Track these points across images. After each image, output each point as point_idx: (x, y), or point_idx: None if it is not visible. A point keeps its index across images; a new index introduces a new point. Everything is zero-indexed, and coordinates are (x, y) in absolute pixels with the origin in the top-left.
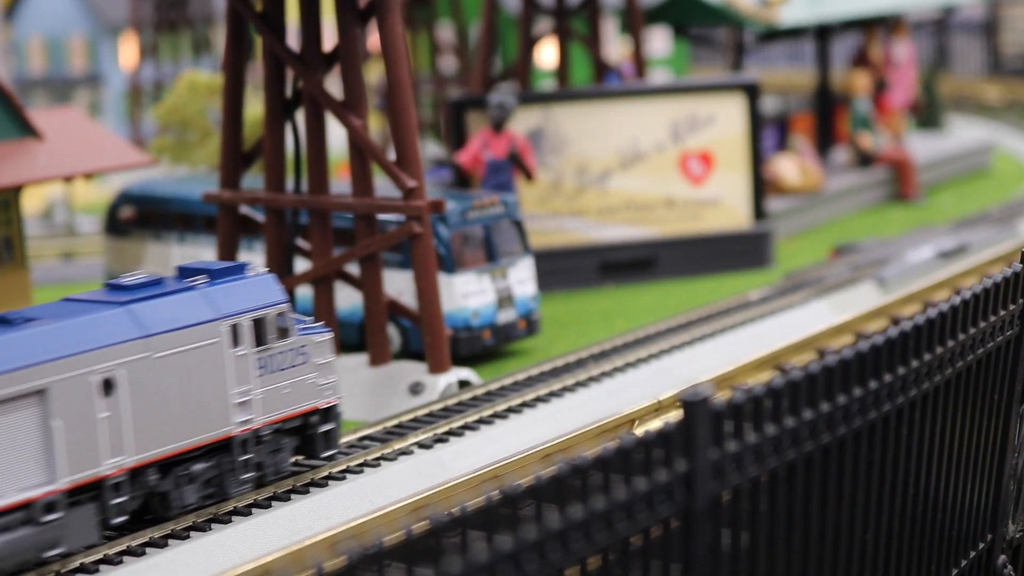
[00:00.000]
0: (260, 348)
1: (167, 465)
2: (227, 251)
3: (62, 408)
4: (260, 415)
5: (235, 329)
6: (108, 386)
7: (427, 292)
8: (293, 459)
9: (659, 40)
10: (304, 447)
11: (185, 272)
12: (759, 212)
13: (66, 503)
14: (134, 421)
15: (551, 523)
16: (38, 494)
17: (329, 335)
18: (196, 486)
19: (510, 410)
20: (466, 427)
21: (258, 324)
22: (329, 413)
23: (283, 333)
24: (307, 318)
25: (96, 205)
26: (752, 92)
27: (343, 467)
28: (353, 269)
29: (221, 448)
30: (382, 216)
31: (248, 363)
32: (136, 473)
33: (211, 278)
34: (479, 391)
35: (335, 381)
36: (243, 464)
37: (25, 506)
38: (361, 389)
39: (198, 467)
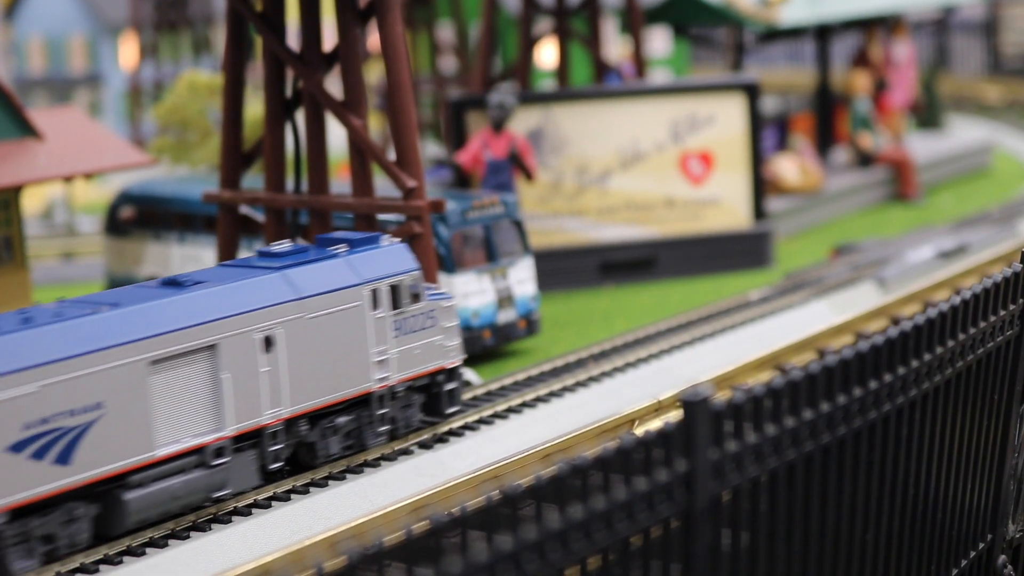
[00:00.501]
0: (396, 311)
1: (315, 417)
2: (227, 251)
3: (230, 362)
4: (395, 373)
5: (375, 293)
6: (268, 343)
7: None
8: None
9: (659, 40)
10: (430, 404)
11: (325, 241)
12: (759, 212)
13: (232, 449)
14: (289, 376)
15: (551, 523)
16: (209, 440)
17: (453, 301)
18: (339, 437)
19: (510, 410)
20: (466, 427)
21: (394, 289)
22: (453, 373)
23: (415, 298)
24: (434, 285)
25: (96, 205)
26: (752, 92)
27: (343, 467)
28: None
29: (361, 403)
30: (382, 216)
31: (386, 325)
32: (290, 424)
33: (351, 247)
34: (479, 391)
35: (459, 343)
36: (380, 418)
37: (198, 451)
38: None
39: (341, 420)
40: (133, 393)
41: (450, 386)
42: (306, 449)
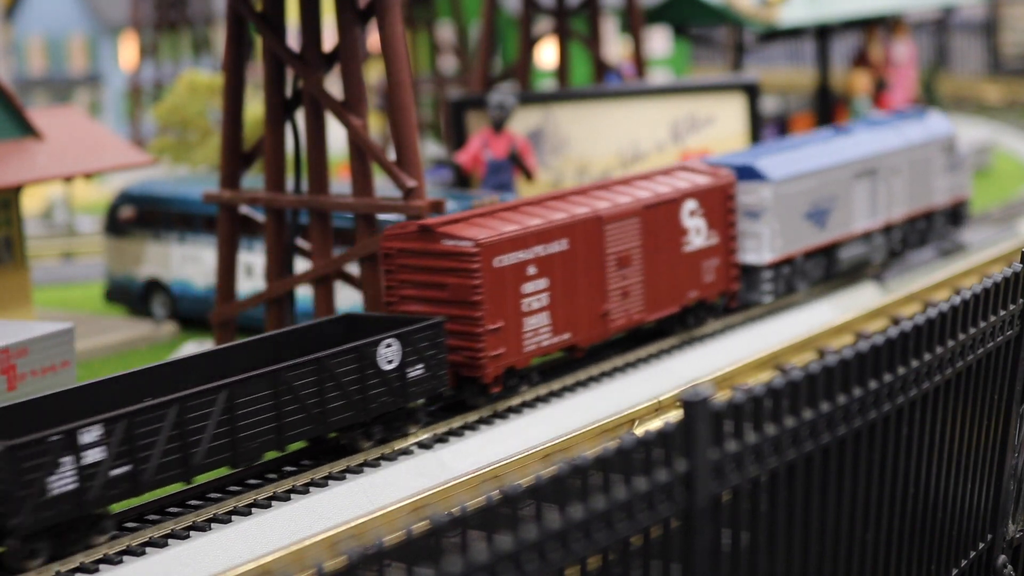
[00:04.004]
0: (947, 157)
1: (908, 221)
2: (227, 251)
3: (883, 180)
4: (943, 199)
5: (941, 144)
6: (896, 170)
7: None
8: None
9: (659, 40)
10: (953, 223)
11: (898, 113)
12: None
13: (879, 234)
14: (905, 192)
15: (551, 523)
16: (871, 226)
17: (966, 158)
18: (917, 235)
19: (510, 410)
20: (466, 427)
21: (946, 144)
22: (966, 203)
23: (952, 151)
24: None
25: (96, 205)
26: (752, 92)
27: (343, 467)
28: (353, 269)
29: (925, 217)
30: (382, 216)
31: (943, 166)
32: (901, 223)
33: (917, 116)
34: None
35: (971, 182)
36: (936, 227)
37: (865, 234)
38: None
39: (920, 224)
40: (846, 192)
41: (963, 211)
42: (902, 243)
